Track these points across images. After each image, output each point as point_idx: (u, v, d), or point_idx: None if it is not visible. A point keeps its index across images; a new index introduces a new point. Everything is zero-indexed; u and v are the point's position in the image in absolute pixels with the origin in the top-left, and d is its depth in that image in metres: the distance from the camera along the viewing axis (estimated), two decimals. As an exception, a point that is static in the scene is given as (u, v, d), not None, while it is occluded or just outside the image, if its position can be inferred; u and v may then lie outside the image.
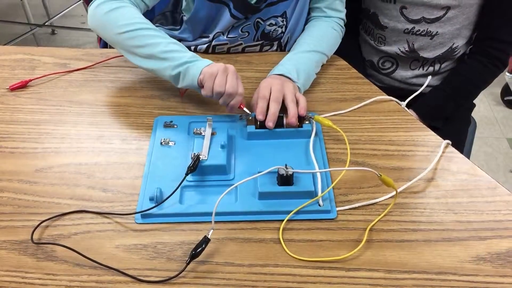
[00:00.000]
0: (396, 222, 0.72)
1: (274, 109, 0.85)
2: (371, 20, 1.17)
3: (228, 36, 1.07)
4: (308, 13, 1.11)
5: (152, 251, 0.68)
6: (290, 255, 0.67)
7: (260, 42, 1.09)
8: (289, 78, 0.91)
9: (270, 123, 0.84)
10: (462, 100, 1.15)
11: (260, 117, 0.85)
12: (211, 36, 1.07)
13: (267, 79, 0.91)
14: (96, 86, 0.99)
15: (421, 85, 1.14)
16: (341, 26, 1.10)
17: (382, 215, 0.72)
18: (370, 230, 0.70)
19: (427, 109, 1.11)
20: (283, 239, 0.69)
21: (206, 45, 1.08)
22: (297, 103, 0.86)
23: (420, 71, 1.17)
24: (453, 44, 1.12)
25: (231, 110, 0.87)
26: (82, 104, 0.94)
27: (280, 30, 1.08)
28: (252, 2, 1.00)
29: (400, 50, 1.15)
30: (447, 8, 1.06)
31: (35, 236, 0.69)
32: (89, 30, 2.66)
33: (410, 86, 1.19)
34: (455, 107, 1.14)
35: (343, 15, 1.10)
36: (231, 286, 0.63)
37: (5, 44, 2.42)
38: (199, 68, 0.85)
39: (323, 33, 1.05)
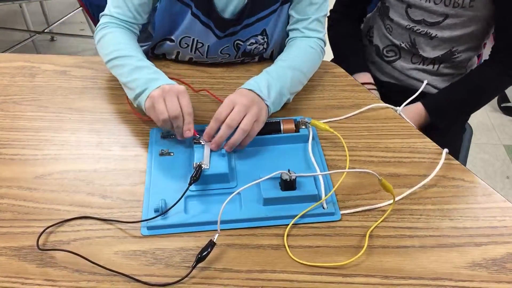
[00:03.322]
0: (392, 228, 0.73)
1: (223, 133, 0.80)
2: (384, 10, 1.21)
3: (208, 57, 1.06)
4: (287, 35, 1.07)
5: (151, 257, 0.68)
6: (295, 260, 0.68)
7: (241, 59, 1.09)
8: (259, 96, 0.85)
9: (213, 145, 0.81)
10: (470, 107, 1.19)
11: (205, 138, 0.81)
12: (176, 40, 1.04)
13: (234, 95, 0.84)
14: (96, 93, 1.00)
15: (418, 80, 1.18)
16: (320, 46, 1.04)
17: (379, 221, 0.73)
18: (368, 236, 0.71)
19: (436, 106, 1.13)
20: (281, 245, 0.70)
21: (188, 57, 1.08)
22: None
23: (420, 66, 1.20)
24: (452, 48, 1.14)
25: (187, 135, 0.81)
26: (81, 111, 0.95)
27: (261, 47, 1.07)
28: (223, 15, 0.99)
29: (403, 43, 1.19)
30: (445, 15, 1.09)
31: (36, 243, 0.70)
32: (88, 37, 2.67)
33: (408, 78, 1.22)
34: (464, 109, 1.18)
35: (322, 35, 1.05)
36: (229, 292, 0.64)
37: (4, 51, 2.43)
38: (142, 104, 0.85)
39: (300, 51, 1.00)
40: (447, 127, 1.15)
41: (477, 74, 1.16)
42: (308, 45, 1.01)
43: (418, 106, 1.12)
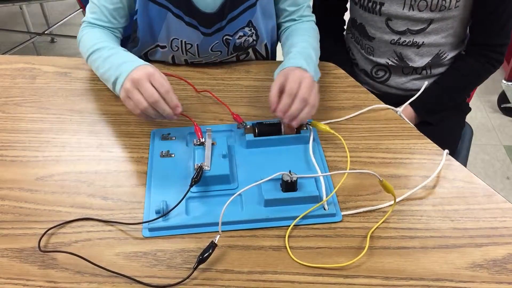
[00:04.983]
0: (393, 229, 0.73)
1: (298, 109, 0.81)
2: (359, 30, 1.19)
3: (200, 56, 1.06)
4: (278, 27, 1.11)
5: (152, 259, 0.68)
6: (297, 261, 0.68)
7: (234, 54, 1.09)
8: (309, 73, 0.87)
9: (295, 122, 0.82)
10: (456, 95, 1.19)
11: (280, 114, 0.81)
12: (168, 45, 1.04)
13: (296, 71, 0.85)
14: (96, 95, 1.00)
15: (416, 90, 1.17)
16: (316, 25, 1.08)
17: (380, 222, 0.73)
18: (369, 237, 0.71)
19: (423, 103, 1.13)
20: (282, 246, 0.70)
21: (183, 58, 1.07)
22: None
23: (413, 76, 1.19)
24: (439, 51, 1.14)
25: (177, 111, 0.82)
26: (82, 113, 0.95)
27: (251, 39, 1.07)
28: (205, 10, 0.98)
29: (390, 60, 1.17)
30: (430, 20, 1.08)
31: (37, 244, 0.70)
32: (88, 38, 2.67)
33: (406, 91, 1.21)
34: (450, 102, 1.18)
35: (314, 18, 1.10)
36: (231, 293, 0.64)
37: (4, 53, 2.43)
38: (117, 93, 0.86)
39: (309, 31, 1.04)
40: (439, 120, 1.16)
41: (459, 66, 1.16)
42: (310, 26, 1.06)
43: (407, 108, 1.12)
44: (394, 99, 1.03)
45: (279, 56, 1.15)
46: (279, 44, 1.14)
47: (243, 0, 1.00)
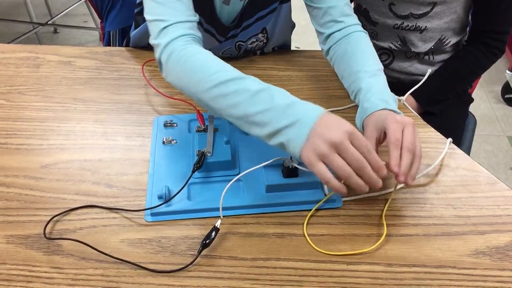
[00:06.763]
0: (396, 216, 0.73)
1: (408, 160, 0.69)
2: (363, 15, 1.19)
3: None
4: (319, 32, 0.95)
5: (156, 245, 0.69)
6: (300, 248, 0.68)
7: (243, 55, 1.10)
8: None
9: (410, 180, 0.69)
10: (458, 85, 1.19)
11: (396, 169, 0.68)
12: None
13: (396, 116, 0.73)
14: (100, 83, 1.00)
15: (419, 74, 1.18)
16: (365, 31, 0.93)
17: (384, 209, 0.73)
18: (371, 224, 0.72)
19: (425, 94, 1.13)
20: (285, 233, 0.71)
21: None
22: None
23: (416, 60, 1.19)
24: (441, 36, 1.14)
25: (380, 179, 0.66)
26: (86, 101, 0.95)
27: (262, 43, 1.07)
28: (225, 23, 0.99)
29: (393, 44, 1.17)
30: (434, 4, 1.08)
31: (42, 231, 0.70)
32: (91, 28, 2.67)
33: (409, 76, 1.21)
34: (452, 92, 1.17)
35: (357, 18, 0.94)
36: (234, 280, 0.65)
37: (8, 43, 2.43)
38: (296, 149, 0.65)
39: (370, 52, 0.88)
40: (441, 110, 1.16)
41: (460, 56, 1.16)
42: (366, 40, 0.90)
43: (409, 98, 1.12)
44: (397, 85, 1.03)
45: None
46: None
47: (260, 9, 1.00)
